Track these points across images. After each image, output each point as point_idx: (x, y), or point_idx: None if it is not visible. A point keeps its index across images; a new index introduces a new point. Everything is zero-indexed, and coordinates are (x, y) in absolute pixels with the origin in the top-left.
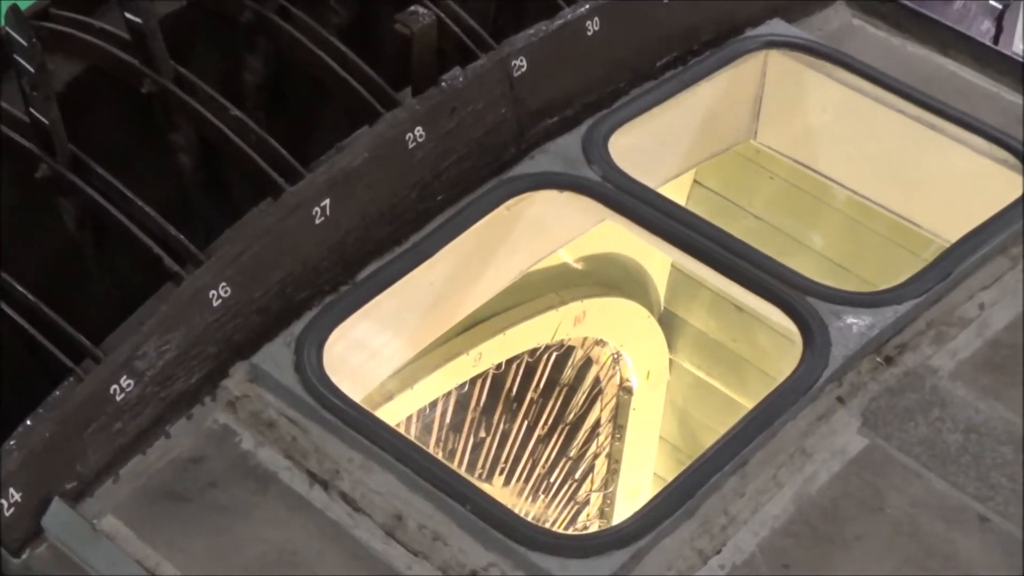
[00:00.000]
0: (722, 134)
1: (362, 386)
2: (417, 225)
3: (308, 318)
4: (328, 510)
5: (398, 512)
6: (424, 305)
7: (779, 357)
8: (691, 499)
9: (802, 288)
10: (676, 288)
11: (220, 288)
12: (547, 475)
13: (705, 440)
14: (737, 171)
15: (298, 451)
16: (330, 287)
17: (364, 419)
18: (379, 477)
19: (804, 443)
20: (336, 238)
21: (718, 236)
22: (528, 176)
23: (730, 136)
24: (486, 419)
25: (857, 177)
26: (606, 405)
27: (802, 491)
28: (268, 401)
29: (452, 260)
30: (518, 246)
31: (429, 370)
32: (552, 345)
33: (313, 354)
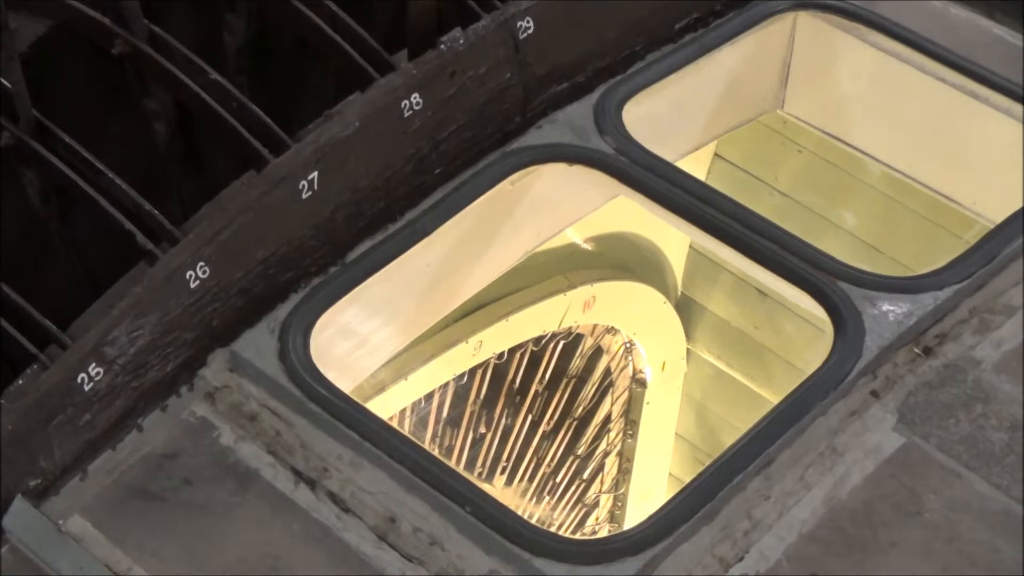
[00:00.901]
0: (746, 103)
1: (352, 376)
2: (413, 201)
3: (294, 302)
4: (315, 511)
5: (391, 514)
6: (420, 288)
7: (807, 347)
8: (711, 502)
9: (833, 272)
10: (694, 271)
11: (198, 268)
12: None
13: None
14: (762, 143)
15: (282, 447)
16: (318, 268)
17: (354, 412)
18: (370, 475)
19: (835, 441)
20: (324, 215)
21: (741, 214)
22: (534, 148)
23: (755, 105)
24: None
25: (893, 150)
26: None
27: (832, 493)
28: (250, 392)
29: (451, 239)
30: (523, 224)
31: (425, 359)
32: (559, 333)
33: (299, 341)
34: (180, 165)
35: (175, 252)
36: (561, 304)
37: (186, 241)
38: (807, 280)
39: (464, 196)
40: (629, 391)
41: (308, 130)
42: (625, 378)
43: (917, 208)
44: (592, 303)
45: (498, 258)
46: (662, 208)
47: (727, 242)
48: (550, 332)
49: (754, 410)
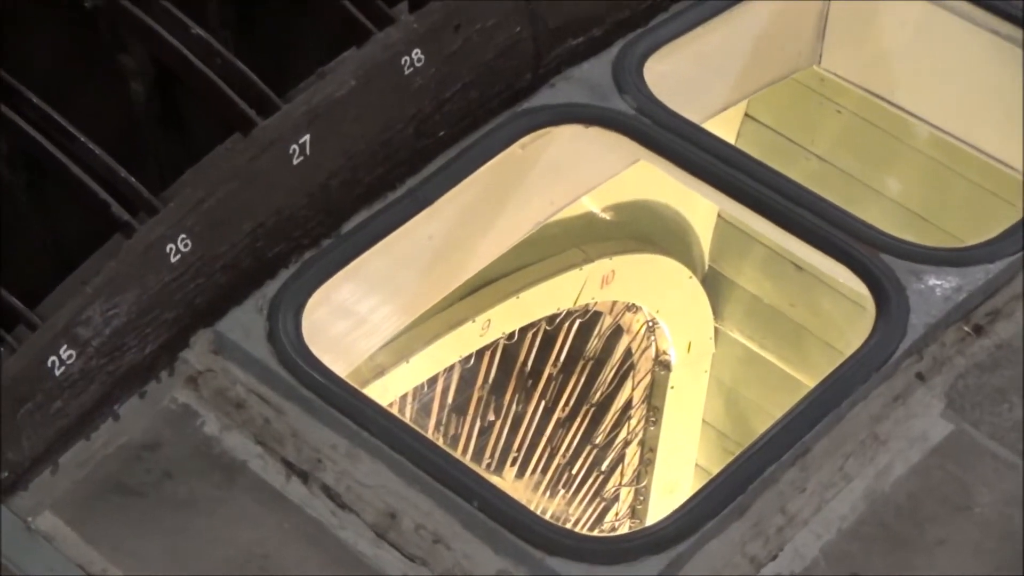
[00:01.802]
0: (779, 59)
1: (348, 359)
2: (414, 167)
3: (284, 278)
4: (308, 506)
5: (391, 509)
6: (422, 263)
7: (847, 326)
8: (741, 495)
9: (875, 243)
10: (723, 243)
11: (179, 241)
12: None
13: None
14: (797, 103)
15: (272, 436)
16: (310, 240)
17: (350, 398)
18: (368, 468)
19: (877, 429)
20: (318, 182)
21: (774, 180)
22: (548, 108)
23: (789, 61)
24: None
25: (941, 110)
26: (639, 383)
27: (874, 486)
28: (236, 377)
29: (456, 209)
30: (535, 192)
31: (428, 340)
32: (575, 311)
33: (290, 321)
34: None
35: (154, 223)
36: (577, 279)
37: (166, 211)
38: (847, 252)
39: (470, 161)
40: (652, 374)
41: (299, 89)
42: (647, 360)
43: (967, 173)
44: (611, 278)
45: (508, 229)
46: (687, 174)
47: (759, 211)
48: (565, 310)
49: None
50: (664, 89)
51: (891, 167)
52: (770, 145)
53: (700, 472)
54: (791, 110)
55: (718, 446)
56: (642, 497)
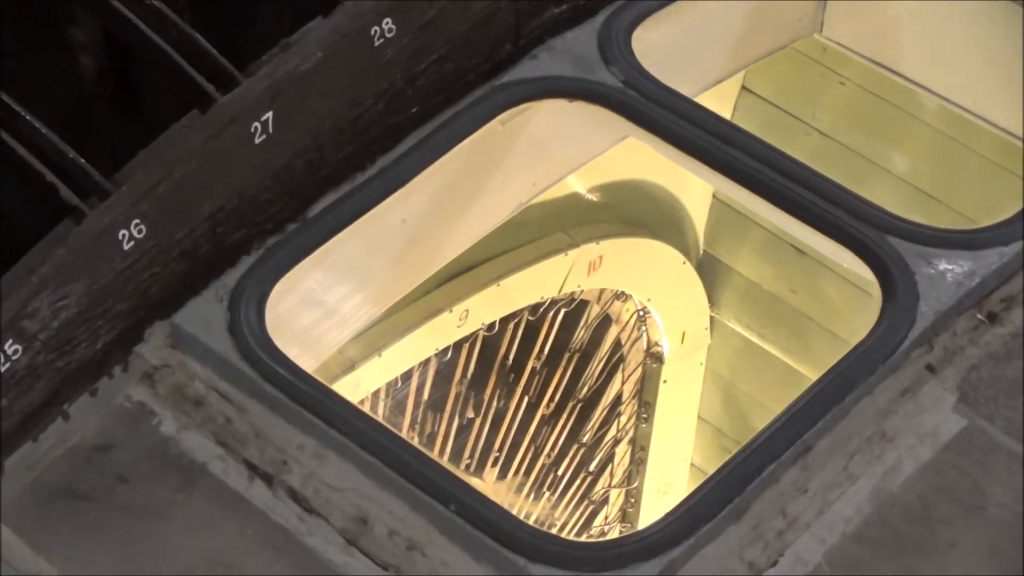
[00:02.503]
0: (778, 27)
1: (316, 353)
2: (385, 145)
3: (246, 265)
4: (272, 511)
5: (362, 514)
6: (395, 248)
7: (851, 314)
8: (739, 496)
9: (881, 225)
10: (719, 226)
11: (132, 227)
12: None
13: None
14: (797, 74)
15: (233, 436)
16: (274, 225)
17: (318, 395)
18: (338, 469)
19: (884, 424)
20: (281, 162)
21: (773, 158)
22: (529, 82)
23: (788, 30)
24: (475, 395)
25: (952, 81)
26: (629, 376)
27: (881, 486)
28: (195, 372)
29: (430, 191)
30: (515, 172)
31: (401, 332)
32: (560, 299)
33: (252, 312)
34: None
35: (105, 208)
36: (562, 266)
37: (118, 195)
38: (851, 235)
39: (446, 140)
40: (643, 367)
41: (261, 62)
42: (638, 352)
43: (980, 149)
44: (598, 264)
45: (487, 212)
46: (680, 151)
47: (757, 191)
48: (549, 299)
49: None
50: (654, 60)
51: (898, 142)
52: (769, 120)
53: (695, 472)
54: (791, 82)
55: (714, 444)
56: (633, 499)
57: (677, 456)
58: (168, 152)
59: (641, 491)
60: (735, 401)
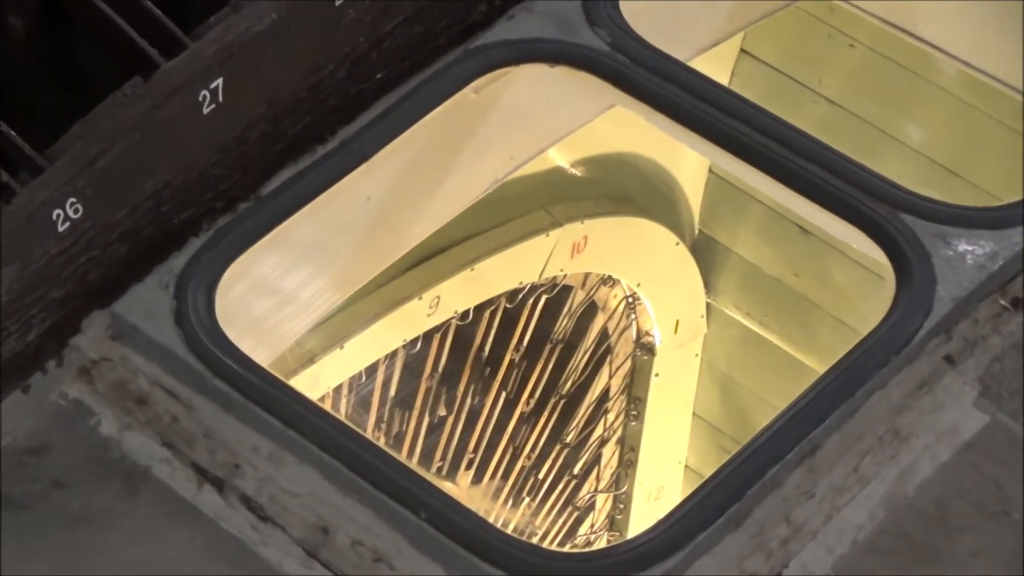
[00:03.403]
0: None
1: (271, 344)
2: (347, 115)
3: (194, 248)
4: (224, 520)
5: (323, 522)
6: (358, 229)
7: (862, 300)
8: (739, 502)
9: (895, 202)
10: (716, 203)
11: (68, 206)
12: (534, 469)
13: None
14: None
15: (181, 437)
16: (224, 204)
17: (274, 391)
18: (296, 473)
19: (898, 422)
20: (233, 134)
21: (776, 129)
22: (506, 45)
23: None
24: (447, 390)
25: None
26: (617, 370)
27: (896, 489)
28: (137, 366)
29: (398, 165)
30: (491, 145)
31: (366, 321)
32: (540, 285)
33: (201, 300)
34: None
35: (38, 185)
36: (543, 248)
37: (52, 171)
38: (861, 213)
39: (414, 109)
40: (632, 360)
41: (210, 24)
42: (627, 343)
43: (1003, 118)
44: (583, 246)
45: (460, 189)
46: (672, 122)
47: (758, 165)
48: (529, 284)
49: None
50: (644, 21)
51: (913, 111)
52: (770, 86)
53: (690, 475)
54: (795, 45)
55: (711, 444)
56: (622, 505)
57: (670, 457)
58: (107, 123)
59: (630, 496)
60: (734, 396)
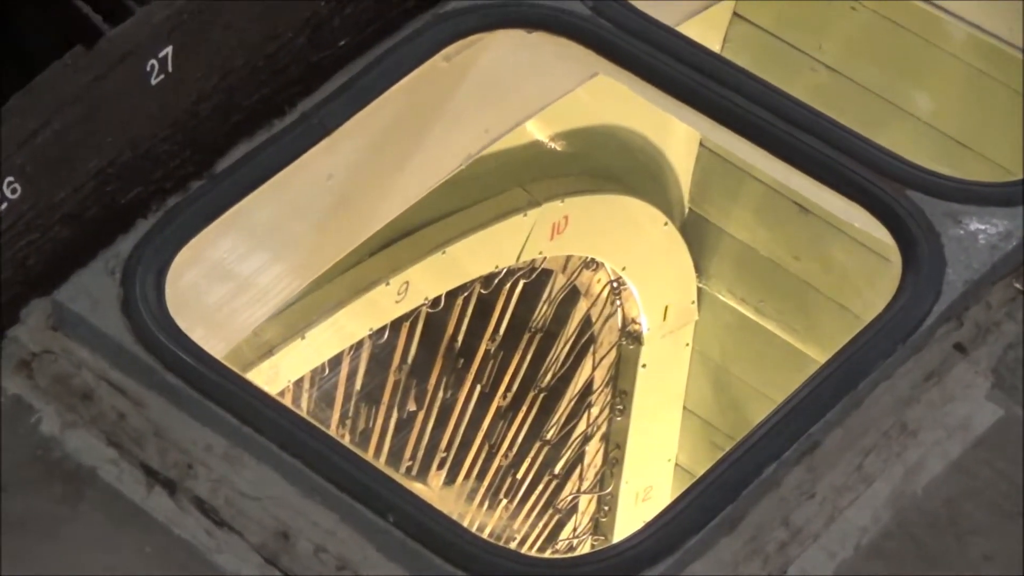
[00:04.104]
0: None
1: (226, 335)
2: (308, 86)
3: (142, 231)
4: (176, 525)
5: (283, 527)
6: (320, 209)
7: (866, 284)
8: (733, 503)
9: (901, 178)
10: (708, 180)
11: (5, 186)
12: (512, 469)
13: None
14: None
15: (129, 436)
16: (175, 183)
17: (230, 385)
18: (253, 474)
19: (905, 415)
20: (183, 107)
21: (771, 99)
22: (479, 8)
23: None
24: (417, 383)
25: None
26: (601, 360)
27: (903, 488)
28: (82, 359)
29: (362, 140)
30: (464, 117)
31: (329, 309)
32: (518, 269)
33: (150, 286)
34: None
35: None
36: (520, 228)
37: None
38: (865, 190)
39: (380, 79)
40: (618, 350)
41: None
42: (612, 331)
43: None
44: (563, 226)
45: (430, 165)
46: (659, 91)
47: (752, 138)
48: (505, 268)
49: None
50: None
51: (920, 79)
52: (766, 53)
53: (681, 473)
54: (793, 8)
55: (703, 440)
56: (607, 507)
57: (659, 455)
58: (47, 96)
59: (616, 497)
60: (727, 389)
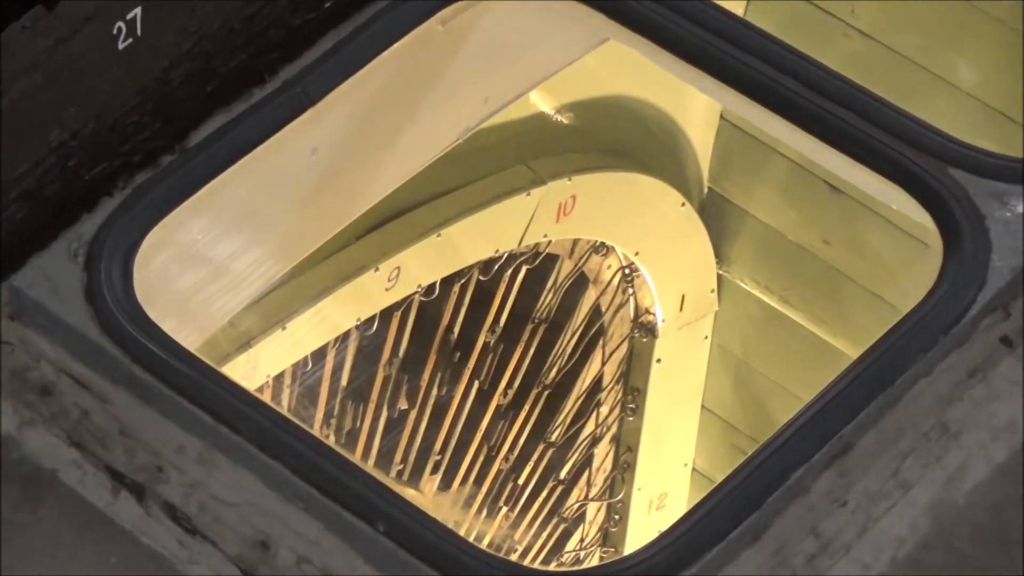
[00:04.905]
0: None
1: (201, 325)
2: (290, 52)
3: (108, 210)
4: (144, 534)
5: (262, 535)
6: (304, 187)
7: (903, 270)
8: (757, 511)
9: (942, 154)
10: (729, 156)
11: None
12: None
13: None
14: None
15: (93, 435)
16: (144, 157)
17: (204, 381)
18: (230, 478)
19: (946, 416)
20: (153, 74)
21: (799, 67)
22: None
23: None
24: (408, 379)
25: None
26: (611, 355)
27: (944, 496)
28: (41, 351)
29: (350, 111)
30: (461, 87)
31: (312, 297)
32: (521, 253)
33: (116, 272)
34: None
35: None
36: (523, 209)
37: None
38: (903, 167)
39: (369, 44)
40: (629, 343)
41: None
42: (623, 323)
43: None
44: (570, 207)
45: (423, 140)
46: (677, 59)
47: (778, 110)
48: (506, 252)
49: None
50: None
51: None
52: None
53: (698, 479)
54: None
55: (723, 442)
56: (617, 516)
57: (674, 459)
58: (3, 62)
59: (628, 505)
60: (750, 386)
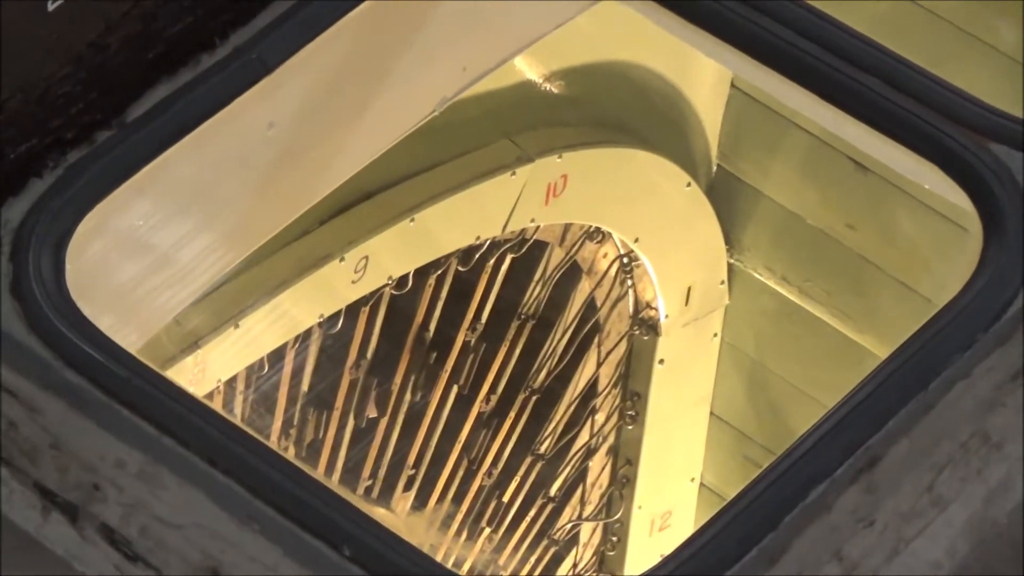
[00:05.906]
0: None
1: (142, 322)
2: (243, 13)
3: (36, 193)
4: (78, 560)
5: (213, 561)
6: (258, 167)
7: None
8: (773, 532)
9: (982, 127)
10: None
11: None
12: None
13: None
14: None
15: (19, 448)
16: (77, 132)
17: (146, 386)
18: (176, 496)
19: (987, 423)
20: (88, 38)
21: (821, 29)
22: None
23: None
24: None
25: None
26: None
27: (984, 515)
28: None
29: (310, 81)
30: (437, 53)
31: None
32: (505, 241)
33: (46, 262)
34: None
35: None
36: (508, 190)
37: None
38: (938, 142)
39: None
40: (629, 342)
41: None
42: (621, 319)
43: None
44: (562, 187)
45: (394, 113)
46: (681, 20)
47: (797, 78)
48: (488, 240)
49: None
50: None
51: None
52: None
53: (707, 495)
54: None
55: (735, 454)
56: (615, 537)
57: (680, 473)
58: None
59: (627, 525)
60: (765, 390)
